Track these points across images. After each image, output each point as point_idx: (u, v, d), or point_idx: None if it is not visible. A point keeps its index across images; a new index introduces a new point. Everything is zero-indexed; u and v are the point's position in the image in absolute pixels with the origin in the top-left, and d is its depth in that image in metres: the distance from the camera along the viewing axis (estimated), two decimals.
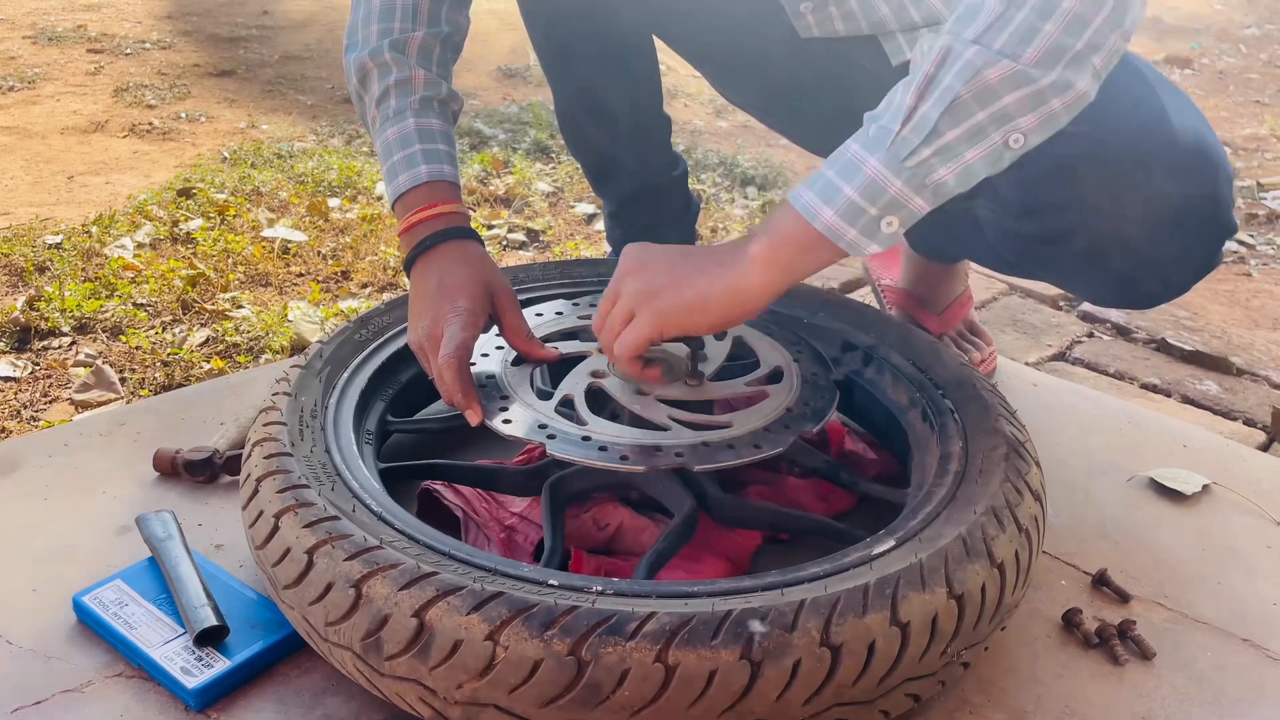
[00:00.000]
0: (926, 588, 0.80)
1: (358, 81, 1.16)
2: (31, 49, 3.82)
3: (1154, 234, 1.01)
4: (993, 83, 0.82)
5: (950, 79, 0.83)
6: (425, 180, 1.10)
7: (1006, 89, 0.83)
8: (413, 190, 1.10)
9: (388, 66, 1.13)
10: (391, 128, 1.12)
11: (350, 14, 1.17)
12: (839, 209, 0.86)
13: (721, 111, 3.37)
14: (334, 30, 4.30)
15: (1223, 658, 0.97)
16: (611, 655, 0.73)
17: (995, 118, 0.83)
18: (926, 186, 0.85)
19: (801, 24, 1.17)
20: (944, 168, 0.85)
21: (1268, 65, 4.35)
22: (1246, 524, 1.17)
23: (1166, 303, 1.13)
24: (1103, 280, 1.10)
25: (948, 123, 0.83)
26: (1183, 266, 1.06)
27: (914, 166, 0.84)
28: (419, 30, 1.14)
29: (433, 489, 1.05)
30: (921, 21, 1.14)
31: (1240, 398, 1.64)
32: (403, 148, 1.11)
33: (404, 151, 1.11)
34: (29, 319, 1.83)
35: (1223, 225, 1.02)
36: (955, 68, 0.83)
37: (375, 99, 1.14)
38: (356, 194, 2.56)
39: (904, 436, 1.09)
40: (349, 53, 1.16)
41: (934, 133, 0.84)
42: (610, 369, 1.03)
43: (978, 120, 0.84)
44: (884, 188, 0.85)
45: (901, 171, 0.84)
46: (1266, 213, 2.71)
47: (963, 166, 0.85)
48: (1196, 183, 0.98)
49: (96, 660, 0.90)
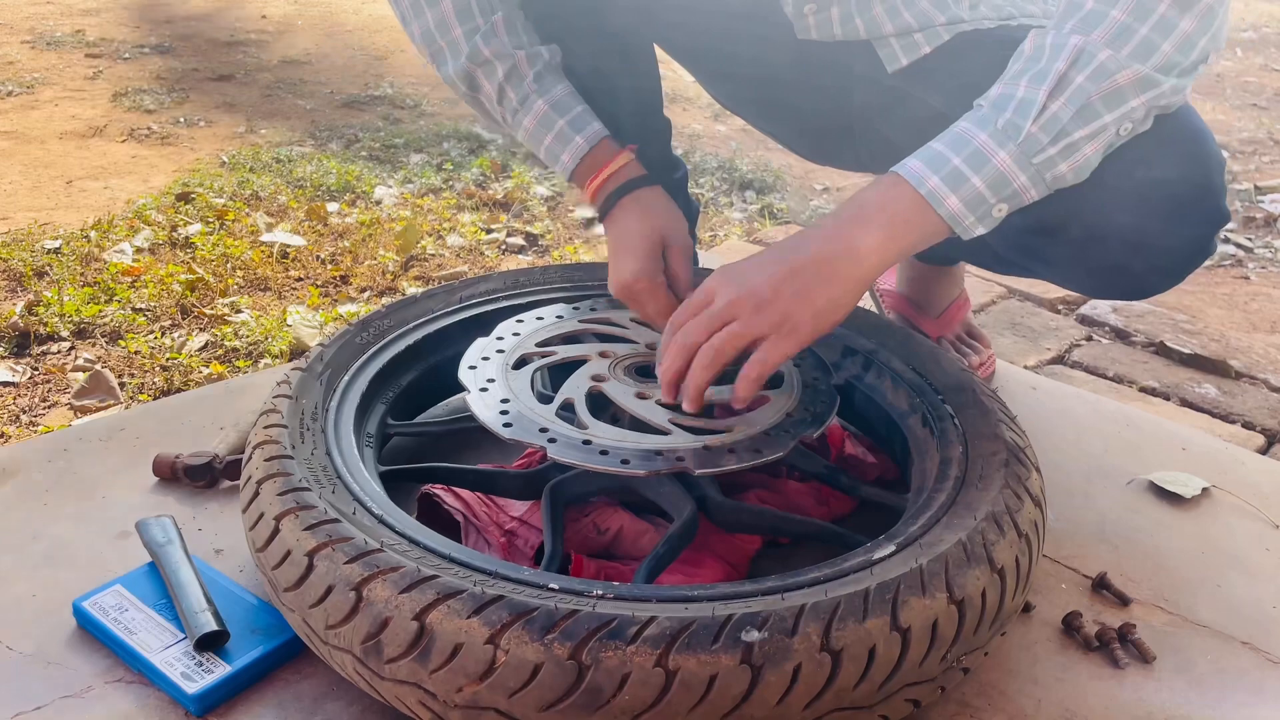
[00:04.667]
0: (927, 593, 0.80)
1: (467, 89, 1.19)
2: (30, 54, 3.82)
3: (1148, 222, 1.01)
4: (1123, 85, 0.88)
5: (1083, 80, 0.88)
6: (586, 151, 1.16)
7: (1134, 92, 0.89)
8: (581, 163, 1.16)
9: (491, 64, 1.15)
10: (526, 118, 1.17)
11: (410, 24, 1.18)
12: (964, 196, 0.89)
13: (719, 116, 3.37)
14: (332, 35, 4.30)
15: (1222, 661, 0.97)
16: (612, 659, 0.73)
17: (1120, 118, 0.90)
18: (1044, 180, 0.90)
19: (801, 25, 1.17)
20: (1065, 163, 0.90)
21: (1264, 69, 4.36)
22: (1246, 527, 1.17)
23: (1163, 292, 1.13)
24: (1098, 271, 1.10)
25: (1076, 124, 0.89)
26: (1178, 254, 1.06)
27: (1039, 163, 0.89)
28: (498, 12, 1.16)
29: (433, 492, 1.05)
30: (916, 26, 1.14)
31: (1239, 401, 1.64)
32: (548, 129, 1.16)
33: (551, 133, 1.16)
34: (28, 324, 1.83)
35: (1217, 212, 1.02)
36: (1089, 69, 0.88)
37: (494, 99, 1.17)
38: (355, 198, 2.57)
39: (904, 441, 1.10)
40: (441, 66, 1.18)
41: (1062, 132, 0.88)
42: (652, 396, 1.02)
43: (1104, 121, 0.89)
44: (1010, 181, 0.89)
45: (1028, 168, 0.89)
46: (1264, 216, 2.71)
47: (1083, 160, 0.90)
48: (1191, 169, 0.99)
49: (96, 665, 0.90)
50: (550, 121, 1.16)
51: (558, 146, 1.17)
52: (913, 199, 0.90)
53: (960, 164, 0.89)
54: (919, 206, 0.90)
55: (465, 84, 1.18)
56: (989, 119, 0.90)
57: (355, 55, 4.03)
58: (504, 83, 1.16)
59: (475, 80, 1.17)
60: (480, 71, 1.16)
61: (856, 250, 0.91)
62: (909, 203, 0.90)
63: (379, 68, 3.85)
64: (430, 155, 2.94)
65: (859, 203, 0.93)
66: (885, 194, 0.92)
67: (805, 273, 0.91)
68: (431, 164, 2.86)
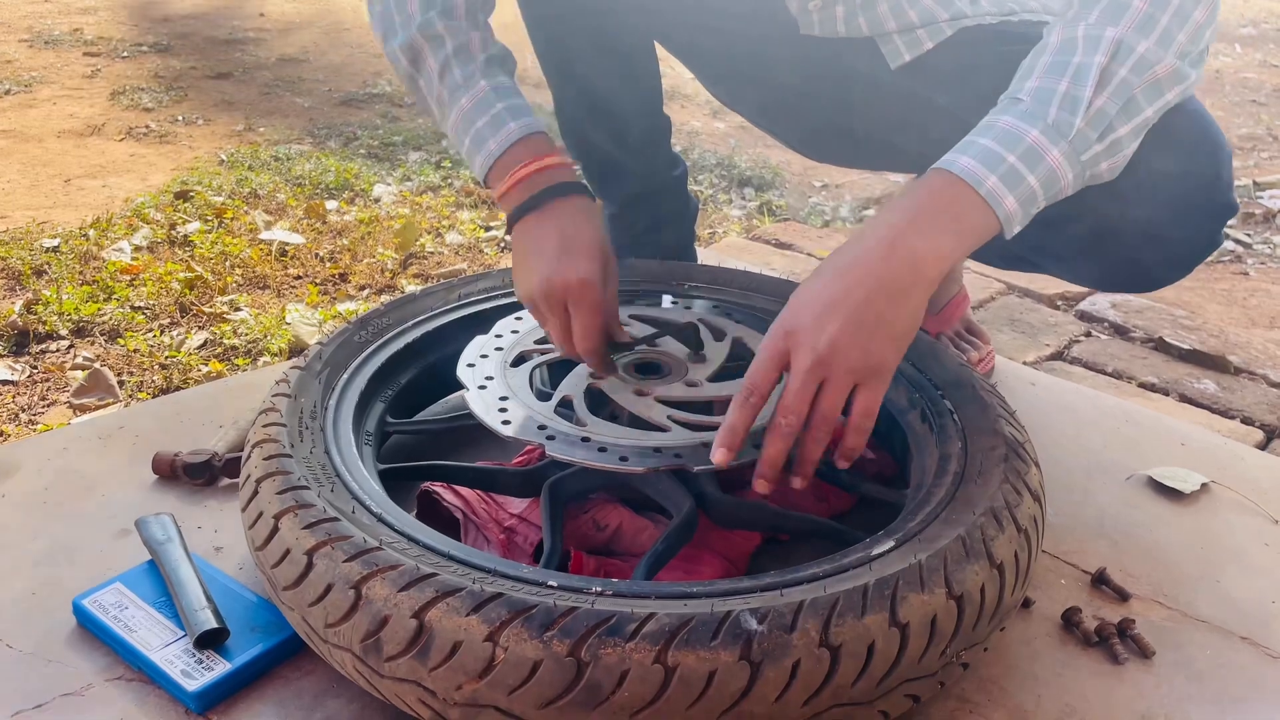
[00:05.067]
0: (926, 588, 0.80)
1: (408, 63, 1.11)
2: (28, 52, 3.82)
3: (1159, 214, 1.01)
4: (1161, 78, 0.88)
5: (1126, 73, 0.87)
6: (519, 137, 1.06)
7: (1169, 84, 0.88)
8: (509, 151, 1.06)
9: (440, 38, 1.08)
10: (464, 96, 1.08)
11: (373, 5, 1.13)
12: (1020, 196, 0.86)
13: (719, 113, 3.37)
14: (330, 33, 4.30)
15: (1222, 656, 0.97)
16: (611, 656, 0.73)
17: (1157, 111, 0.89)
18: (1084, 178, 0.89)
19: (805, 21, 1.17)
20: (1106, 161, 0.89)
21: (1263, 65, 4.36)
22: (1245, 522, 1.17)
23: (1172, 283, 1.12)
24: (1108, 264, 1.10)
25: (1121, 119, 0.87)
26: (1188, 246, 1.06)
27: (1086, 160, 0.87)
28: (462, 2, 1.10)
29: (432, 490, 1.05)
30: (919, 22, 1.14)
31: (1238, 396, 1.64)
32: (484, 112, 1.07)
33: (486, 115, 1.06)
34: (27, 322, 1.83)
35: (1225, 204, 1.02)
36: (1130, 62, 0.87)
37: (436, 73, 1.09)
38: (354, 196, 2.56)
39: (903, 437, 1.10)
40: (390, 40, 1.11)
41: (1109, 128, 0.87)
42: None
43: (1145, 115, 0.89)
44: (1059, 179, 0.87)
45: (1076, 165, 0.87)
46: (1263, 212, 2.71)
47: (1122, 158, 0.90)
48: (1199, 161, 0.99)
49: (96, 663, 0.90)
50: (488, 104, 1.07)
51: (489, 130, 1.06)
52: (972, 199, 0.85)
53: (1015, 162, 0.85)
54: (979, 207, 0.85)
55: (407, 58, 1.11)
56: (1036, 114, 0.86)
57: (353, 53, 4.02)
58: (451, 57, 1.08)
59: (420, 54, 1.10)
60: (428, 45, 1.09)
61: (921, 260, 0.85)
62: (969, 204, 0.85)
63: (377, 65, 3.85)
64: (429, 153, 2.93)
65: (912, 207, 0.87)
66: (941, 196, 0.86)
67: (877, 300, 0.84)
68: (430, 161, 2.86)
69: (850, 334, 0.84)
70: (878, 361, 0.85)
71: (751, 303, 1.25)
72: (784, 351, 0.86)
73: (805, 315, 0.86)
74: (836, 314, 0.84)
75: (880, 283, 0.85)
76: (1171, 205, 1.00)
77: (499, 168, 1.06)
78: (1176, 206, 1.00)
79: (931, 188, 0.87)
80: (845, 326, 0.84)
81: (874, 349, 0.85)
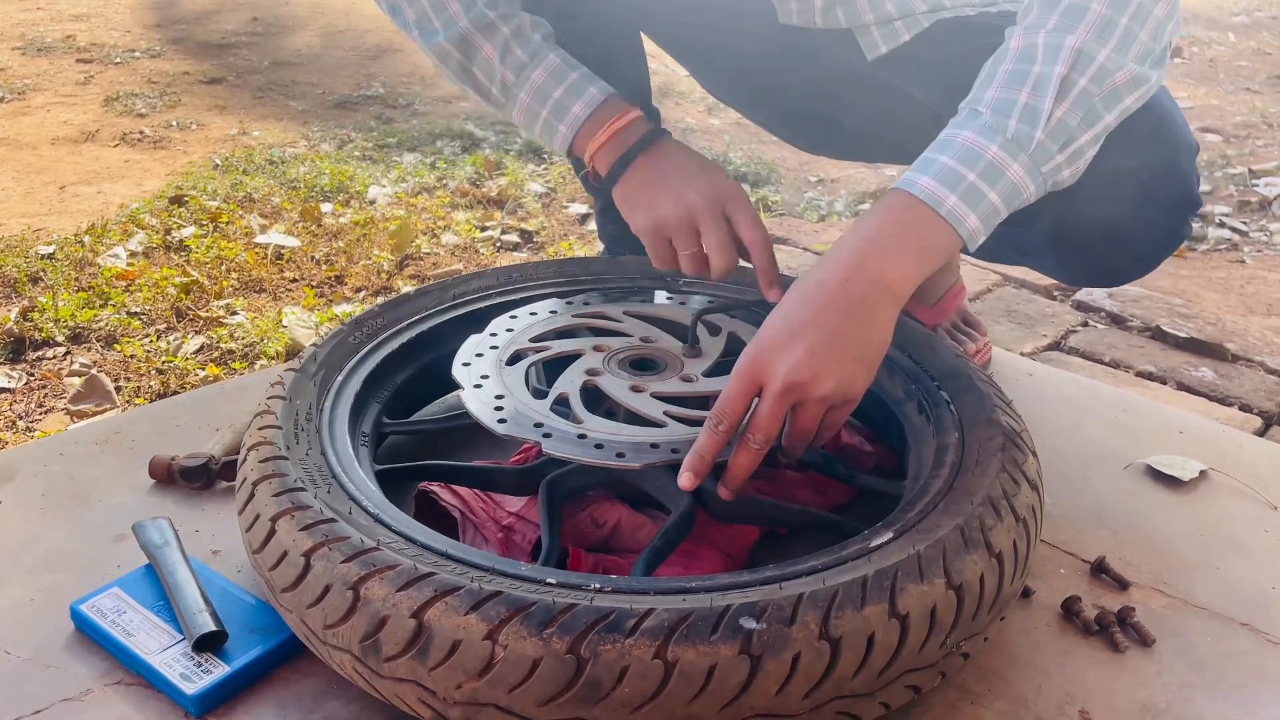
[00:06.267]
0: (925, 579, 0.80)
1: (461, 55, 1.13)
2: (21, 60, 3.81)
3: (1116, 210, 1.01)
4: (1120, 85, 0.87)
5: (1086, 83, 0.86)
6: (603, 99, 1.11)
7: (1128, 90, 0.88)
8: (597, 110, 1.11)
9: (494, 25, 1.11)
10: (534, 70, 1.12)
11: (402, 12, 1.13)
12: (982, 213, 0.87)
13: (713, 110, 3.37)
14: (324, 35, 4.30)
15: (1222, 643, 0.97)
16: (611, 652, 0.73)
17: (1117, 117, 0.89)
18: (1046, 186, 0.89)
19: (784, 9, 1.17)
20: (1068, 169, 0.89)
21: (1257, 52, 4.35)
22: (1244, 509, 1.17)
23: (1138, 279, 1.13)
24: (1071, 258, 1.10)
25: (1082, 129, 0.87)
26: (1148, 241, 1.06)
27: (1047, 171, 0.87)
28: None
29: (429, 490, 1.05)
30: (896, 15, 1.14)
31: (1236, 384, 1.64)
32: (559, 81, 1.11)
33: (563, 85, 1.11)
34: (23, 329, 1.83)
35: (1185, 198, 1.02)
36: (1090, 71, 0.86)
37: (497, 58, 1.12)
38: (349, 198, 2.56)
39: (900, 429, 1.09)
40: (432, 37, 1.13)
41: (1070, 139, 0.87)
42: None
43: (1106, 123, 0.88)
44: (1020, 192, 0.87)
45: (1037, 177, 0.87)
46: (1259, 199, 2.71)
47: (1083, 164, 0.89)
48: (1155, 156, 0.99)
49: (95, 668, 0.90)
50: (562, 75, 1.11)
51: (569, 98, 1.11)
52: (933, 221, 0.86)
53: (976, 180, 0.85)
54: (941, 228, 0.86)
55: (460, 50, 1.12)
56: (995, 128, 0.86)
57: (346, 55, 4.02)
58: (510, 39, 1.11)
59: (472, 45, 1.12)
60: (481, 34, 1.11)
61: (888, 284, 0.87)
62: (931, 225, 0.86)
63: (370, 67, 3.84)
64: (423, 154, 2.93)
65: (875, 229, 0.88)
66: (901, 217, 0.87)
67: (845, 325, 0.86)
68: (425, 163, 2.85)
69: (819, 359, 0.85)
70: (848, 385, 0.87)
71: (748, 297, 1.25)
72: (754, 378, 0.87)
73: (775, 342, 0.87)
74: (805, 340, 0.86)
75: (848, 307, 0.86)
76: (1128, 202, 1.00)
77: (588, 128, 1.11)
78: (1133, 203, 1.00)
79: (893, 209, 0.88)
80: (814, 351, 0.85)
81: (844, 373, 0.87)
